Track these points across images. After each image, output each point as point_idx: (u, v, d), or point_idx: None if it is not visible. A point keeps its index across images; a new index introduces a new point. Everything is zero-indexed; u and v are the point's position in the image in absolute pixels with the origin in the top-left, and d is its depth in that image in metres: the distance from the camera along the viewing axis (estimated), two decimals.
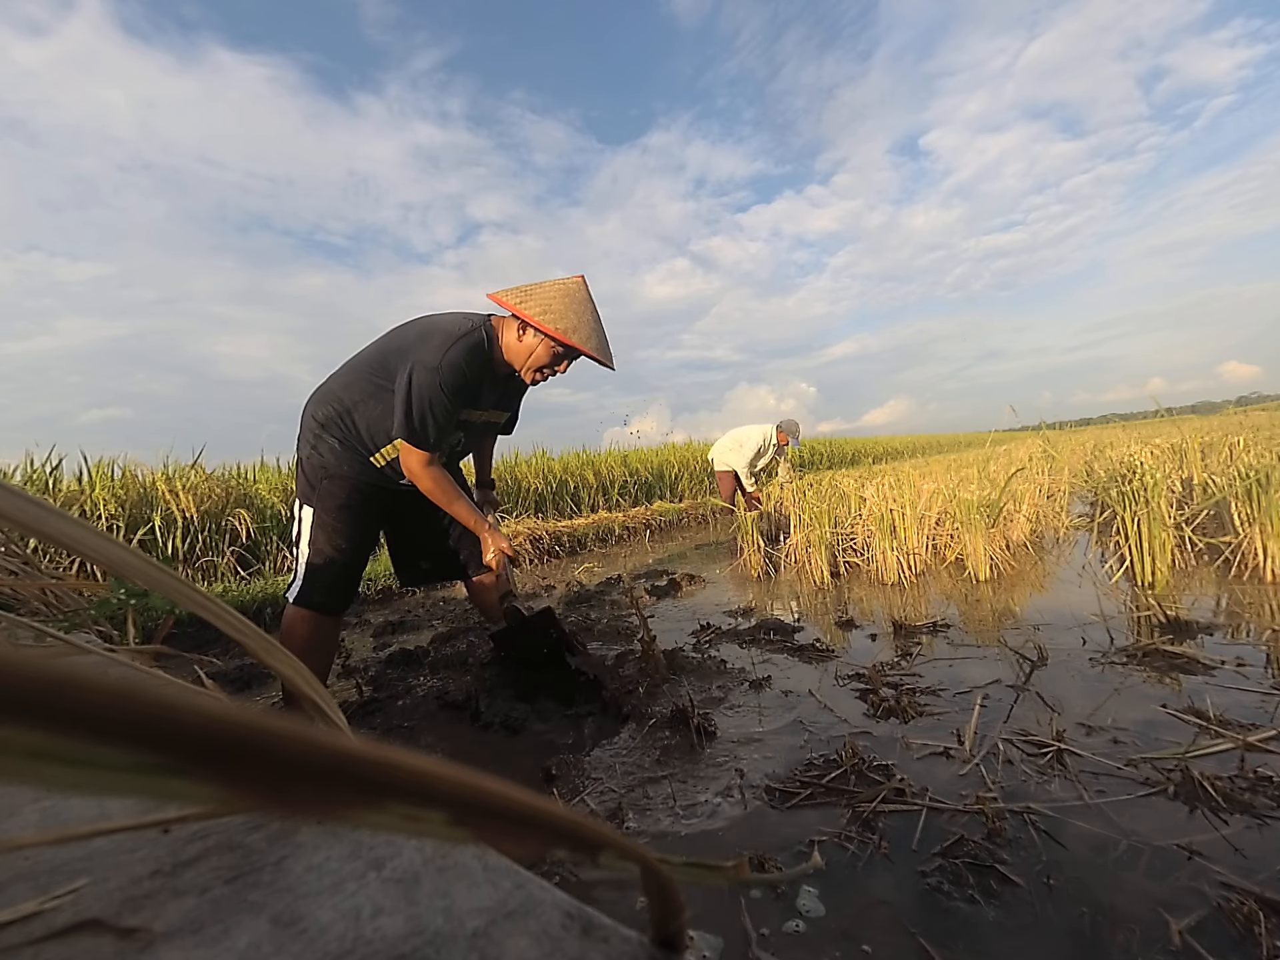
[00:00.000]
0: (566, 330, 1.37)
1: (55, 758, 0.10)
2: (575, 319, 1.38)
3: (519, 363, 1.46)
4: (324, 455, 1.44)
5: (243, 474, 5.09)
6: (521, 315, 1.37)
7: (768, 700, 1.38)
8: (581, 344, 1.39)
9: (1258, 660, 1.33)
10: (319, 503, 1.43)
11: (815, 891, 0.75)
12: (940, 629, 1.80)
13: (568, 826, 0.21)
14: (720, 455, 5.02)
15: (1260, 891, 0.67)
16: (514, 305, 1.38)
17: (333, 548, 1.42)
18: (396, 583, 3.44)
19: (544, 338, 1.40)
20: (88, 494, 3.77)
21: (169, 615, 1.39)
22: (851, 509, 3.02)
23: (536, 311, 1.37)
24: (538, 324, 1.36)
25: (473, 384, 1.42)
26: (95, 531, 0.27)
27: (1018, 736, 1.08)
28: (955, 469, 4.33)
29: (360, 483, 1.46)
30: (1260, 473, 2.08)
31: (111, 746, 0.10)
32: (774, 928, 0.70)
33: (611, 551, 4.80)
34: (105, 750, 0.10)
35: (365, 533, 1.50)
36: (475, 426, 1.58)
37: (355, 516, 1.46)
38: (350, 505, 1.45)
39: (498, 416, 1.66)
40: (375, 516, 1.54)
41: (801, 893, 0.75)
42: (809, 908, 0.72)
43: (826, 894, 0.75)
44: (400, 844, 0.37)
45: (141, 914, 0.31)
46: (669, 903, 0.27)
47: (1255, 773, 0.90)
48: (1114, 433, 10.06)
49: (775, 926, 0.70)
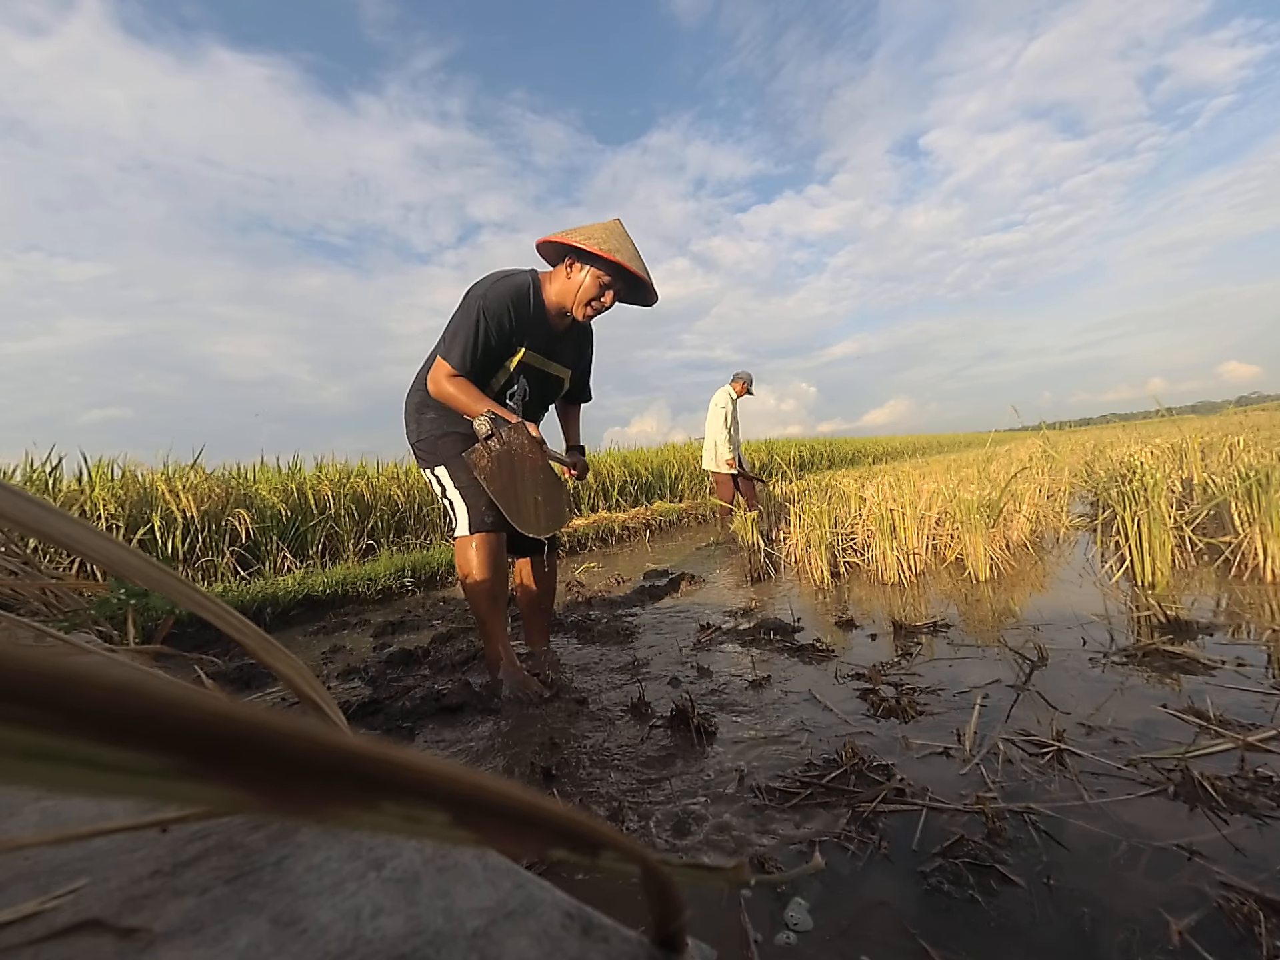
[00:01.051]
0: (611, 250, 1.53)
1: (55, 756, 0.09)
2: (617, 243, 1.55)
3: (569, 300, 1.61)
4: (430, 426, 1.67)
5: (243, 474, 5.10)
6: (568, 241, 1.54)
7: (768, 700, 1.38)
8: (626, 262, 1.54)
9: (1258, 660, 1.33)
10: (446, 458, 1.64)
11: (805, 903, 0.75)
12: (940, 629, 1.80)
13: (568, 826, 0.20)
14: (707, 459, 5.02)
15: (1260, 891, 0.67)
16: (561, 237, 1.56)
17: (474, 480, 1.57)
18: (396, 583, 3.44)
19: (589, 266, 1.57)
20: (88, 494, 3.77)
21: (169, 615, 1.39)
22: (851, 509, 3.02)
23: (581, 239, 1.54)
24: (583, 245, 1.52)
25: (518, 318, 1.56)
26: (95, 531, 0.27)
27: (1018, 736, 1.08)
28: (955, 469, 4.33)
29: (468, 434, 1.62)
30: (1260, 473, 2.08)
31: (113, 744, 0.10)
32: (766, 935, 0.70)
33: (611, 552, 4.80)
34: (106, 748, 0.10)
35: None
36: (536, 373, 1.70)
37: None
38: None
39: (561, 371, 1.77)
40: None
41: (794, 902, 0.75)
42: (797, 919, 0.72)
43: (826, 894, 0.75)
44: (400, 844, 0.37)
45: (141, 914, 0.31)
46: (669, 903, 0.27)
47: (1255, 773, 0.90)
48: (1114, 433, 10.07)
49: (768, 935, 0.70)
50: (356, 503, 5.05)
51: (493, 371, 1.63)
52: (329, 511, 4.72)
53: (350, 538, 4.84)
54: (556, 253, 1.64)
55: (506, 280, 1.56)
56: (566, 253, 1.59)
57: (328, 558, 4.66)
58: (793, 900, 0.74)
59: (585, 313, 1.62)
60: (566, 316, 1.66)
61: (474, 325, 1.51)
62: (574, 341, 1.77)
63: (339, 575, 3.39)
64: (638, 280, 1.62)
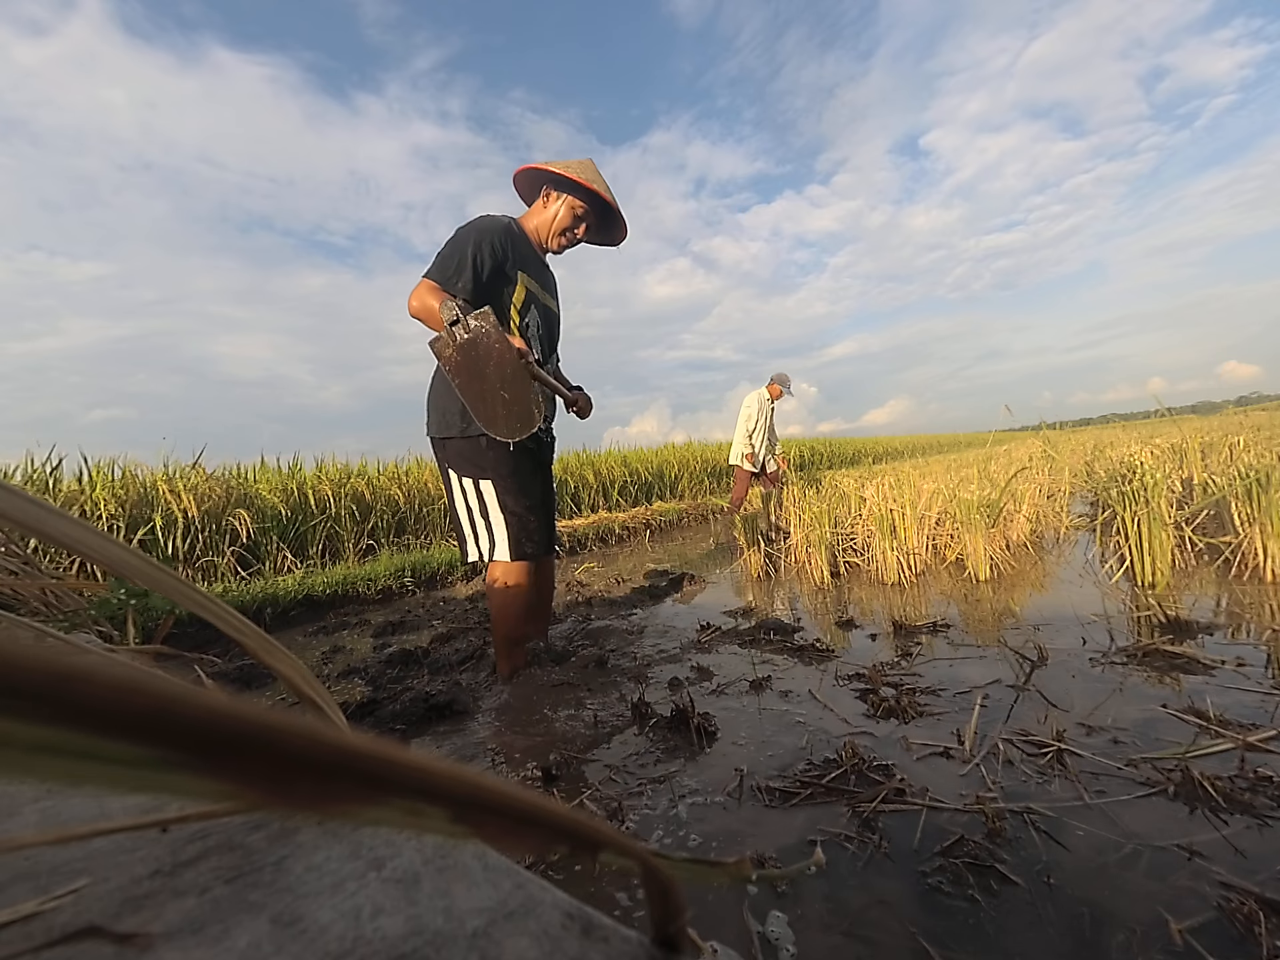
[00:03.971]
0: (588, 180, 1.62)
1: (58, 752, 0.10)
2: (591, 174, 1.64)
3: (545, 230, 1.69)
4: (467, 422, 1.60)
5: (243, 474, 5.10)
6: (546, 168, 1.64)
7: (768, 700, 1.38)
8: (602, 190, 1.64)
9: (1258, 660, 1.33)
10: (495, 473, 1.62)
11: (805, 904, 0.75)
12: (940, 629, 1.80)
13: (568, 825, 0.21)
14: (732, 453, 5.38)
15: (1260, 891, 0.67)
16: (538, 165, 1.65)
17: (523, 506, 1.63)
18: (396, 583, 3.44)
19: (565, 196, 1.66)
20: (88, 494, 3.77)
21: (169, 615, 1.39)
22: (851, 509, 3.02)
23: (559, 167, 1.63)
24: (561, 171, 1.62)
25: (512, 242, 1.60)
26: (95, 531, 0.27)
27: (1018, 736, 1.08)
28: (955, 469, 4.33)
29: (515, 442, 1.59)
30: (1260, 472, 2.08)
31: (115, 740, 0.10)
32: (766, 935, 0.70)
33: (611, 552, 4.80)
34: (109, 744, 0.10)
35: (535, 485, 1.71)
36: (540, 306, 1.71)
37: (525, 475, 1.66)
38: (517, 468, 1.64)
39: (553, 303, 1.80)
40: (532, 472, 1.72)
41: (793, 903, 0.75)
42: (777, 934, 0.72)
43: (826, 894, 0.75)
44: (400, 844, 0.37)
45: (141, 914, 0.31)
46: (670, 902, 0.27)
47: (1255, 773, 0.90)
48: (1114, 433, 10.07)
49: (768, 935, 0.70)
50: (357, 503, 5.05)
51: (505, 308, 1.61)
52: (329, 511, 4.72)
53: (350, 538, 4.84)
54: (533, 185, 1.73)
55: (492, 216, 1.62)
56: (544, 182, 1.68)
57: (328, 558, 4.66)
58: (792, 899, 0.74)
59: (559, 243, 1.71)
60: (543, 249, 1.74)
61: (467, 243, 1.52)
62: (553, 275, 1.83)
63: (339, 575, 3.39)
64: (610, 213, 1.71)
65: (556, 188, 1.67)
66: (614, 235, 1.83)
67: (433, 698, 1.49)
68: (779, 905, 0.73)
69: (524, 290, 1.64)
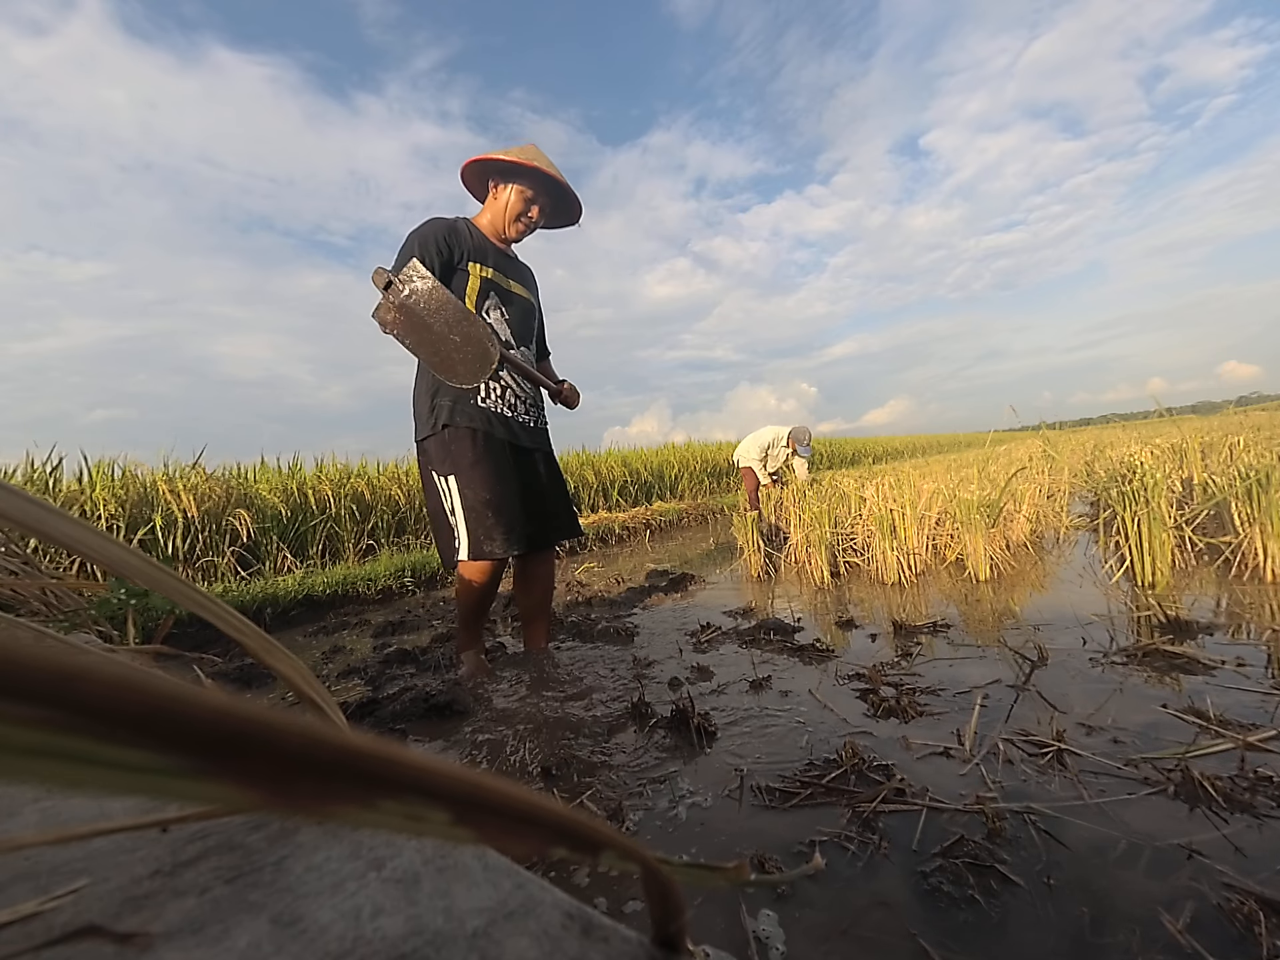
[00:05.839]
0: (526, 159, 1.64)
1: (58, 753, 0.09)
2: (534, 154, 1.66)
3: (500, 221, 1.71)
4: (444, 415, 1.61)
5: (243, 474, 5.10)
6: (485, 157, 1.66)
7: (768, 700, 1.38)
8: (545, 168, 1.65)
9: (1258, 660, 1.33)
10: (458, 467, 1.60)
11: (804, 904, 0.75)
12: (940, 629, 1.80)
13: (568, 826, 0.21)
14: (741, 454, 5.66)
15: (1260, 891, 0.67)
16: (479, 156, 1.67)
17: (481, 500, 1.59)
18: (396, 583, 3.45)
19: (512, 184, 1.68)
20: (88, 494, 3.77)
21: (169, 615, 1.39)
22: (851, 509, 3.02)
23: (499, 154, 1.65)
24: (501, 156, 1.64)
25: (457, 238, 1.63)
26: (95, 531, 0.27)
27: (1018, 736, 1.08)
28: (955, 469, 4.33)
29: (482, 432, 1.63)
30: (1260, 473, 2.08)
31: (116, 741, 0.10)
32: (765, 935, 0.70)
33: (611, 552, 4.80)
34: (109, 745, 0.10)
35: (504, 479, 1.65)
36: (503, 292, 1.72)
37: (488, 467, 1.62)
38: (480, 459, 1.61)
39: (525, 293, 1.81)
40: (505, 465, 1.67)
41: (791, 902, 0.75)
42: (768, 933, 0.72)
43: (826, 894, 0.75)
44: (400, 844, 0.37)
45: (141, 914, 0.31)
46: (670, 903, 0.27)
47: (1255, 773, 0.90)
48: (1114, 433, 10.06)
49: (767, 934, 0.70)
50: (357, 503, 5.05)
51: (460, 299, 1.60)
52: (329, 512, 4.72)
53: (350, 538, 4.84)
54: (480, 180, 1.76)
55: (438, 217, 1.66)
56: (489, 175, 1.71)
57: (328, 558, 4.66)
58: (792, 900, 0.74)
59: (517, 229, 1.73)
60: (504, 240, 1.76)
61: (413, 246, 1.57)
62: (526, 268, 1.85)
63: (339, 575, 3.40)
64: (560, 190, 1.71)
65: (503, 177, 1.69)
66: (570, 214, 1.83)
67: (433, 697, 1.49)
68: (778, 906, 0.73)
69: (478, 280, 1.65)
